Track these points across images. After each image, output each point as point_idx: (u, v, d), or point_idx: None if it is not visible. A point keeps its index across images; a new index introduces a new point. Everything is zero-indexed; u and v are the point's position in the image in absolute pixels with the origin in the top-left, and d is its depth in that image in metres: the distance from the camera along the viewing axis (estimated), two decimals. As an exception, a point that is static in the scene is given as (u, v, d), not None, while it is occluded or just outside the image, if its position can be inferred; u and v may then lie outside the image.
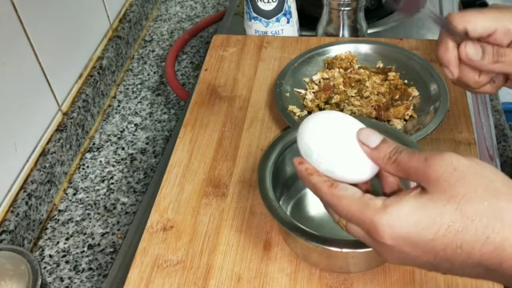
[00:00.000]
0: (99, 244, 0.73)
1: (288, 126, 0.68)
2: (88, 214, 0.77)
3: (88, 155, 0.86)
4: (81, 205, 0.78)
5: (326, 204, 0.43)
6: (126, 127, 0.91)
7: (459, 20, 0.50)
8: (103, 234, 0.74)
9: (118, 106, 0.95)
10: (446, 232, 0.36)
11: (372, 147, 0.41)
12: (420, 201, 0.37)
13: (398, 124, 0.68)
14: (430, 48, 0.80)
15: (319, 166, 0.44)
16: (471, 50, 0.50)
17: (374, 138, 0.41)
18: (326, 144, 0.43)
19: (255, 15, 0.84)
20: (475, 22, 0.50)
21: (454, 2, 0.99)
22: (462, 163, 0.37)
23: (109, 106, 0.95)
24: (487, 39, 0.50)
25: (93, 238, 0.74)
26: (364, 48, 0.78)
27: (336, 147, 0.43)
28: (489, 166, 0.37)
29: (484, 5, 0.98)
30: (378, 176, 0.44)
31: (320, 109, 0.71)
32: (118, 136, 0.90)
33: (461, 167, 0.37)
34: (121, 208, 0.78)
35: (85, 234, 0.75)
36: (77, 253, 0.72)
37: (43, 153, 0.77)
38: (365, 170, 0.43)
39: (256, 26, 0.86)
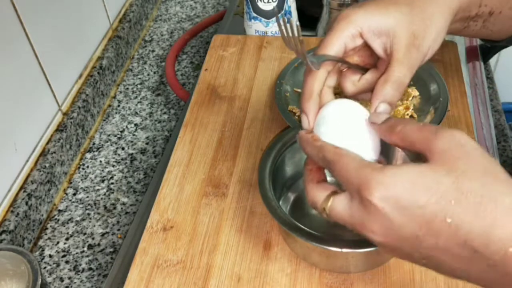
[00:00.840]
0: (99, 244, 0.73)
1: (288, 126, 0.68)
2: (88, 214, 0.77)
3: (88, 155, 0.86)
4: (81, 205, 0.78)
5: (327, 164, 0.42)
6: (126, 127, 0.91)
7: (317, 50, 0.48)
8: (103, 234, 0.74)
9: (118, 106, 0.95)
10: (439, 201, 0.35)
11: (379, 123, 0.42)
12: (419, 168, 0.37)
13: (398, 124, 0.68)
14: (430, 48, 0.80)
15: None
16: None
17: (382, 116, 0.43)
18: (337, 128, 0.45)
19: (255, 15, 0.84)
20: (325, 49, 0.48)
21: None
22: (470, 143, 0.37)
23: (109, 106, 0.95)
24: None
25: (93, 238, 0.74)
26: (364, 48, 0.78)
27: (346, 130, 0.45)
28: (494, 158, 0.38)
29: None
30: None
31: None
32: (118, 136, 0.90)
33: (468, 147, 0.37)
34: (121, 208, 0.78)
35: (85, 234, 0.75)
36: (77, 253, 0.72)
37: (43, 153, 0.77)
38: (368, 150, 0.44)
39: (256, 26, 0.86)
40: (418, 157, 0.40)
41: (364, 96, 0.52)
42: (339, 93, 0.69)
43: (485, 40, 0.70)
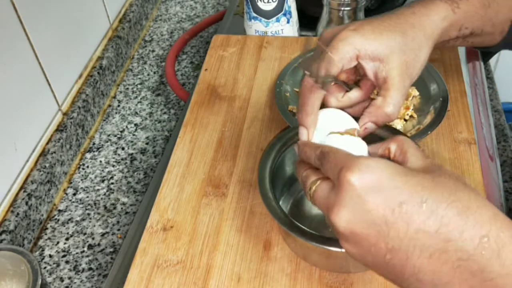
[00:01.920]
0: (99, 244, 0.73)
1: (288, 126, 0.68)
2: (88, 214, 0.77)
3: (88, 155, 0.86)
4: (81, 205, 0.78)
5: (321, 157, 0.43)
6: (126, 127, 0.91)
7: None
8: (103, 234, 0.74)
9: (118, 106, 0.95)
10: (416, 185, 0.36)
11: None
12: (401, 166, 0.39)
13: (398, 124, 0.68)
14: (430, 48, 0.80)
15: None
16: None
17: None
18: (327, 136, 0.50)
19: (255, 15, 0.84)
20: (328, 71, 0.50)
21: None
22: (450, 172, 0.39)
23: (109, 106, 0.95)
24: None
25: (93, 238, 0.74)
26: (364, 48, 0.78)
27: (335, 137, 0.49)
28: None
29: None
30: None
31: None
32: (118, 136, 0.90)
33: (448, 171, 0.38)
34: (121, 208, 0.78)
35: (85, 234, 0.75)
36: (77, 253, 0.72)
37: (43, 153, 0.77)
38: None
39: (256, 26, 0.86)
40: None
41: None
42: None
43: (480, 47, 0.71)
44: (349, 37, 0.49)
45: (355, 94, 0.53)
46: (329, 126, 0.50)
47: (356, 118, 0.52)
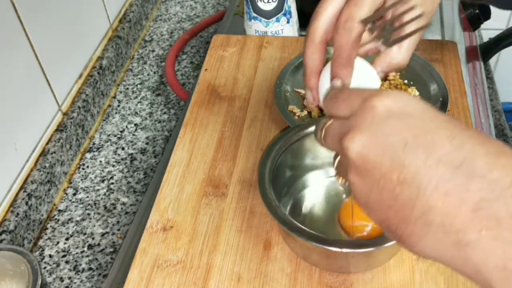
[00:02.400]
0: (99, 244, 0.73)
1: (288, 126, 0.68)
2: (88, 214, 0.77)
3: (88, 155, 0.86)
4: (81, 205, 0.78)
5: (341, 94, 0.38)
6: (126, 127, 0.91)
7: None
8: (103, 234, 0.74)
9: (118, 106, 0.95)
10: (446, 121, 0.32)
11: None
12: None
13: (398, 124, 0.68)
14: (430, 48, 0.80)
15: None
16: None
17: None
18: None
19: (255, 15, 0.84)
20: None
21: (454, 2, 0.99)
22: None
23: (109, 106, 0.95)
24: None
25: (93, 238, 0.74)
26: (364, 48, 0.78)
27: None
28: None
29: (486, 10, 0.97)
30: None
31: (320, 109, 0.71)
32: (118, 136, 0.90)
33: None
34: (121, 208, 0.78)
35: (85, 234, 0.75)
36: (77, 253, 0.72)
37: (43, 153, 0.77)
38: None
39: (256, 26, 0.86)
40: None
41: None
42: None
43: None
44: None
45: (366, 36, 0.48)
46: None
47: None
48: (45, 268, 0.71)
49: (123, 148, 0.87)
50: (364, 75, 0.48)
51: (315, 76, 0.48)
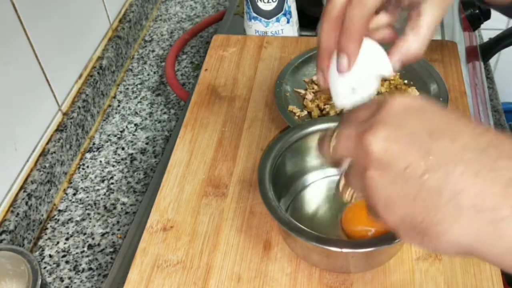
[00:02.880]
0: (99, 244, 0.73)
1: (288, 126, 0.68)
2: (88, 214, 0.77)
3: (88, 155, 0.86)
4: (81, 205, 0.78)
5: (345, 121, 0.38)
6: (126, 127, 0.91)
7: None
8: (103, 234, 0.74)
9: (118, 106, 0.95)
10: (466, 120, 0.33)
11: None
12: None
13: (398, 124, 0.68)
14: (430, 48, 0.80)
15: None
16: None
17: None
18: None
19: (255, 15, 0.84)
20: None
21: (454, 2, 0.99)
22: None
23: (109, 106, 0.95)
24: None
25: (93, 238, 0.74)
26: (364, 48, 0.78)
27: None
28: None
29: (486, 10, 0.97)
30: None
31: (320, 109, 0.71)
32: (118, 136, 0.90)
33: None
34: (121, 208, 0.78)
35: (85, 234, 0.75)
36: (77, 253, 0.72)
37: (43, 153, 0.77)
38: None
39: (256, 26, 0.86)
40: None
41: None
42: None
43: (483, 1, 0.66)
44: None
45: (382, 18, 0.48)
46: (363, 59, 0.46)
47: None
48: (45, 268, 0.71)
49: (123, 148, 0.87)
50: (376, 59, 0.47)
51: (328, 57, 0.47)
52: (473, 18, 0.97)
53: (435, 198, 0.31)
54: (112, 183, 0.82)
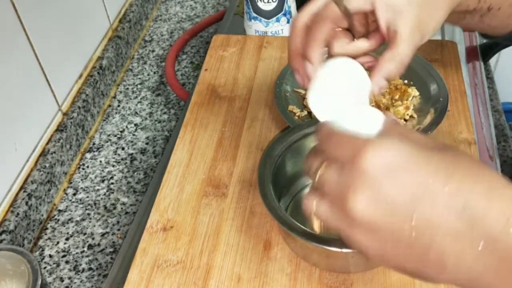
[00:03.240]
0: (99, 244, 0.73)
1: (288, 126, 0.68)
2: (88, 214, 0.77)
3: (88, 155, 0.86)
4: (81, 205, 0.78)
5: (326, 138, 0.39)
6: (126, 127, 0.91)
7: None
8: (103, 234, 0.74)
9: (118, 106, 0.95)
10: (438, 163, 0.34)
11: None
12: (416, 143, 0.36)
13: (398, 124, 0.68)
14: (430, 48, 0.80)
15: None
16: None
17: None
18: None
19: (255, 15, 0.84)
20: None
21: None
22: (462, 151, 0.39)
23: (109, 106, 0.95)
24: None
25: (93, 238, 0.74)
26: (364, 48, 0.78)
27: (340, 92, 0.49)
28: None
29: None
30: None
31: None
32: (118, 136, 0.90)
33: (459, 150, 0.39)
34: (121, 208, 0.78)
35: (85, 234, 0.75)
36: (77, 253, 0.72)
37: (43, 153, 0.77)
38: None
39: (256, 26, 0.86)
40: None
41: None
42: None
43: (481, 34, 0.70)
44: None
45: (362, 44, 0.52)
46: (340, 78, 0.49)
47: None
48: (45, 268, 0.71)
49: (123, 148, 0.87)
50: (357, 79, 0.49)
51: (297, 57, 0.51)
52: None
53: (423, 256, 0.34)
54: (112, 183, 0.82)
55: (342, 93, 0.49)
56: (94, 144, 0.88)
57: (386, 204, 0.34)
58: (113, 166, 0.84)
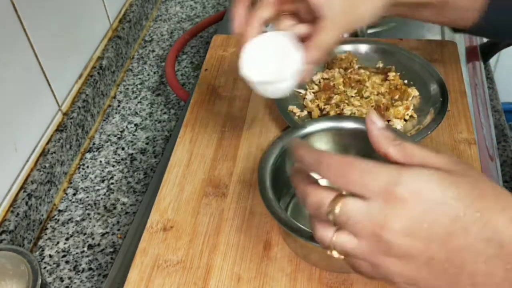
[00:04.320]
0: (99, 244, 0.73)
1: (288, 126, 0.68)
2: (88, 214, 0.77)
3: (88, 155, 0.86)
4: (81, 205, 0.78)
5: (335, 170, 0.38)
6: (126, 127, 0.91)
7: None
8: (103, 234, 0.74)
9: (118, 106, 0.95)
10: (467, 196, 0.36)
11: (379, 127, 0.41)
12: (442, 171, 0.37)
13: (398, 124, 0.68)
14: (430, 48, 0.80)
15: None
16: None
17: (381, 121, 0.42)
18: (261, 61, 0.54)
19: (255, 15, 0.84)
20: None
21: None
22: (477, 172, 0.39)
23: (109, 106, 0.95)
24: None
25: (93, 238, 0.74)
26: (364, 48, 0.78)
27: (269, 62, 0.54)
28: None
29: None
30: None
31: (320, 109, 0.71)
32: (118, 136, 0.90)
33: (475, 172, 0.39)
34: (121, 208, 0.78)
35: (85, 234, 0.75)
36: (77, 253, 0.72)
37: (43, 153, 0.77)
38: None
39: (256, 26, 0.86)
40: None
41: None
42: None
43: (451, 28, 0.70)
44: None
45: (304, 27, 0.55)
46: (271, 43, 0.54)
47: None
48: (45, 268, 0.71)
49: (123, 148, 0.87)
50: (284, 50, 0.54)
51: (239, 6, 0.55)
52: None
53: (455, 280, 0.37)
54: (112, 183, 0.82)
55: (270, 59, 0.54)
56: (94, 144, 0.88)
57: (423, 232, 0.36)
58: (113, 166, 0.84)
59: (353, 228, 0.38)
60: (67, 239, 0.74)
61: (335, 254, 0.39)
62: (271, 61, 0.54)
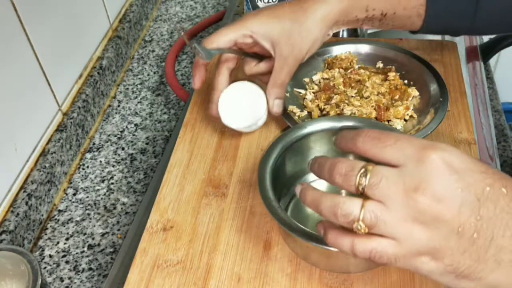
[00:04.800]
0: (99, 244, 0.73)
1: (288, 126, 0.68)
2: (88, 214, 0.77)
3: (88, 155, 0.86)
4: (81, 205, 0.78)
5: (374, 142, 0.40)
6: (126, 127, 0.91)
7: (208, 43, 0.64)
8: (103, 234, 0.74)
9: (118, 106, 0.95)
10: (495, 172, 0.38)
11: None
12: None
13: (398, 124, 0.68)
14: (430, 48, 0.80)
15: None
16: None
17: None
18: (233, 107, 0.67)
19: (255, 15, 0.84)
20: (217, 41, 0.64)
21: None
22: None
23: (109, 106, 0.95)
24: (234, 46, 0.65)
25: (93, 238, 0.74)
26: (364, 48, 0.78)
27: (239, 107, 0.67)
28: None
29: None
30: None
31: (320, 109, 0.71)
32: (118, 136, 0.90)
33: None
34: (121, 208, 0.78)
35: (85, 234, 0.75)
36: (77, 253, 0.72)
37: (43, 153, 0.77)
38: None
39: (256, 26, 0.86)
40: None
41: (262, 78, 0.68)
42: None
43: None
44: (245, 21, 0.62)
45: (264, 65, 0.66)
46: (239, 93, 0.66)
47: None
48: (45, 268, 0.71)
49: (123, 148, 0.87)
50: (256, 99, 0.66)
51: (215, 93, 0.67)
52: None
53: (482, 252, 0.37)
54: (112, 183, 0.82)
55: (242, 105, 0.66)
56: (94, 144, 0.88)
57: (457, 196, 0.36)
58: (113, 166, 0.84)
59: (384, 192, 0.38)
60: (67, 239, 0.74)
61: (360, 226, 0.39)
62: (244, 106, 0.66)
